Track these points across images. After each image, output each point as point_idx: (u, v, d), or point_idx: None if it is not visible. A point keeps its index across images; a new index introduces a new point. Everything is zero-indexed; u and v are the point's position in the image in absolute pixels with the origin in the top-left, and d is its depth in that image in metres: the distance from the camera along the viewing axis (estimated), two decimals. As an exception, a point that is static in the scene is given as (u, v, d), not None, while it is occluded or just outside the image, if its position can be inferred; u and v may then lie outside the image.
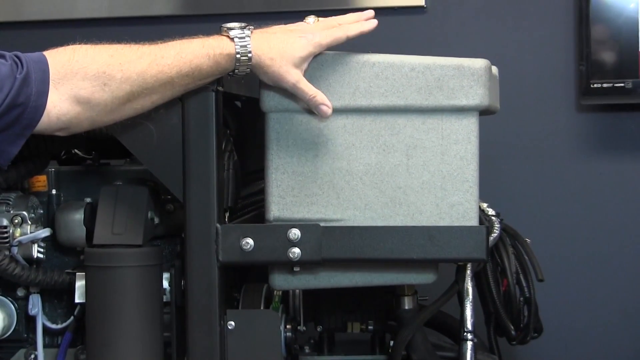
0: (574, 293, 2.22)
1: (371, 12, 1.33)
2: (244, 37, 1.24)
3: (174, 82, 1.23)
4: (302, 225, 1.30)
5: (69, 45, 1.21)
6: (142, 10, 2.35)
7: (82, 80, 1.18)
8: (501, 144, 2.21)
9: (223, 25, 1.26)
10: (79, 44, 1.21)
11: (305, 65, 1.28)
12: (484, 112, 1.34)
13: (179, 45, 1.23)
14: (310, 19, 1.32)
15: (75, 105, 1.19)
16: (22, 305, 1.54)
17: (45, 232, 1.49)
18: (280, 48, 1.25)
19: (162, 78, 1.21)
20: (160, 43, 1.23)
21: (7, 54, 1.18)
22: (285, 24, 1.33)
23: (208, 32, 1.27)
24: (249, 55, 1.24)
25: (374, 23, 1.32)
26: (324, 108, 1.29)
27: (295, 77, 1.26)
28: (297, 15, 2.02)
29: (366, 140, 1.32)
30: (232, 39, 1.24)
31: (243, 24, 1.26)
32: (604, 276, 2.21)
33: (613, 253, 2.20)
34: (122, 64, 1.20)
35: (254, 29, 1.27)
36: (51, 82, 1.17)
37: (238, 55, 1.24)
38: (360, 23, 1.32)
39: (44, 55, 1.19)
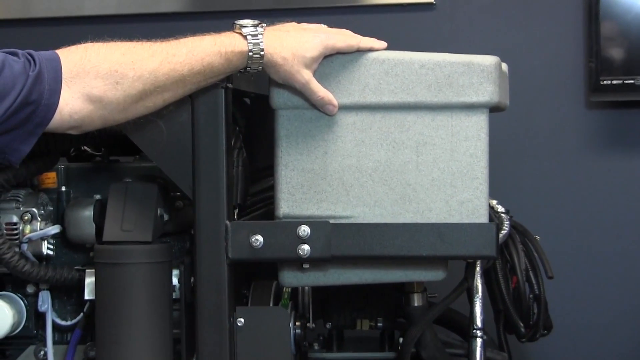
0: (583, 290, 2.21)
1: (385, 43, 1.33)
2: (256, 35, 1.24)
3: (185, 80, 1.22)
4: (312, 222, 1.30)
5: (80, 43, 1.21)
6: (149, 7, 2.35)
7: (95, 79, 1.18)
8: (511, 141, 2.21)
9: (236, 22, 1.26)
10: (91, 42, 1.21)
11: (315, 65, 1.28)
12: (493, 109, 1.33)
13: (190, 43, 1.23)
14: None
15: (87, 103, 1.18)
16: (31, 301, 1.54)
17: (54, 229, 1.49)
18: (292, 47, 1.25)
19: (174, 76, 1.21)
20: (172, 40, 1.23)
21: (19, 51, 1.17)
22: (293, 20, 1.33)
23: (216, 29, 1.27)
24: (262, 53, 1.24)
25: (384, 44, 1.32)
26: (330, 107, 1.30)
27: (305, 77, 1.26)
28: (305, 12, 2.02)
29: (376, 137, 1.31)
30: (244, 37, 1.24)
31: (256, 22, 1.26)
32: (613, 273, 2.20)
33: (623, 250, 2.20)
34: (134, 62, 1.19)
35: (267, 26, 1.26)
36: (63, 80, 1.17)
37: (250, 54, 1.24)
38: (373, 39, 1.32)
39: (56, 54, 1.19)
